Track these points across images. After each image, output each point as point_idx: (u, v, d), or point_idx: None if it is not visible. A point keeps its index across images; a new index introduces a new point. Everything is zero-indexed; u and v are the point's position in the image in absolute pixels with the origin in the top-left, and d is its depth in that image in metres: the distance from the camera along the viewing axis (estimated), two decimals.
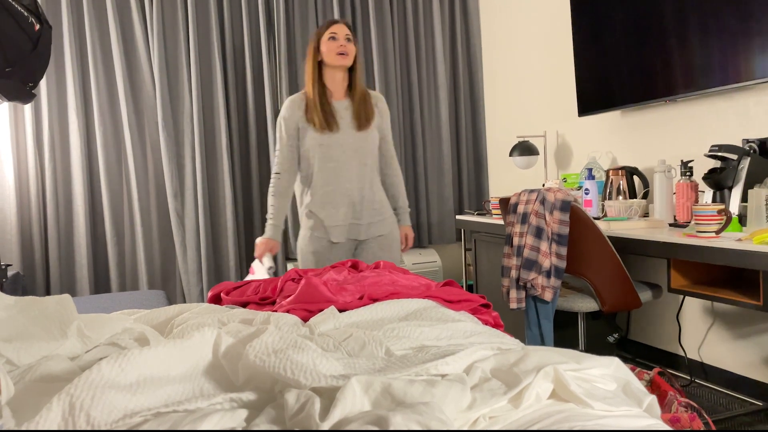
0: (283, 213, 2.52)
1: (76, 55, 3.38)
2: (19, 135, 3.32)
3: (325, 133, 2.43)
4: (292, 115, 2.47)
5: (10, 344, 1.00)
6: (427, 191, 4.09)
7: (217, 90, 3.58)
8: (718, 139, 2.59)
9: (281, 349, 0.92)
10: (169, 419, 0.76)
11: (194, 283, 3.57)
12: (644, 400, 0.94)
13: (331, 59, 2.43)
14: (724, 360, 2.69)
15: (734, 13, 2.33)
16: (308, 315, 1.40)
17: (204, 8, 3.58)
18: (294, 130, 2.47)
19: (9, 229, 3.28)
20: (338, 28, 2.46)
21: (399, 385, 0.82)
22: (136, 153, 3.49)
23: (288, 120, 2.48)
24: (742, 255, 1.79)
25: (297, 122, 2.47)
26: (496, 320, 1.52)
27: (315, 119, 2.42)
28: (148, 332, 1.16)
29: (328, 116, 2.44)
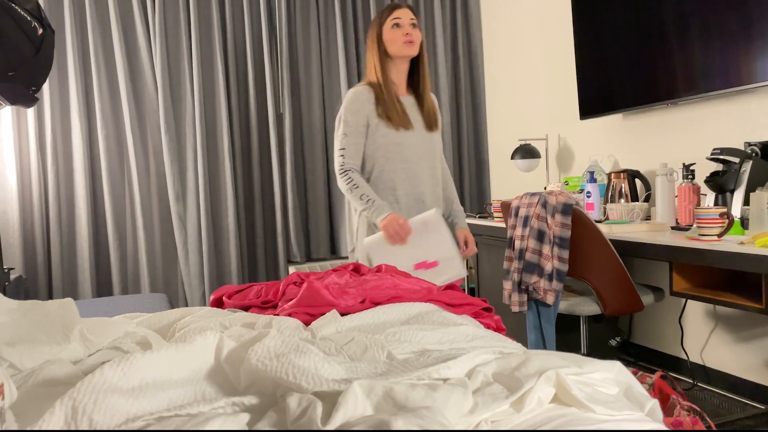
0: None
1: (79, 59, 3.39)
2: (22, 138, 3.33)
3: (401, 131, 2.17)
4: (362, 109, 2.17)
5: (13, 348, 1.00)
6: None
7: (219, 93, 3.59)
8: (719, 142, 2.59)
9: (283, 353, 0.92)
10: (171, 423, 0.76)
11: (196, 286, 3.57)
12: (646, 404, 0.94)
13: (397, 49, 2.17)
14: (727, 363, 2.68)
15: (735, 16, 2.33)
16: (310, 319, 1.40)
17: (206, 11, 3.59)
18: (363, 126, 2.18)
19: (11, 232, 3.28)
20: (402, 13, 2.21)
21: (401, 389, 0.82)
22: (138, 156, 3.49)
23: (357, 114, 2.17)
24: (744, 258, 1.79)
25: (367, 117, 2.17)
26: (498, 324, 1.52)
27: (392, 114, 2.15)
28: (150, 336, 1.17)
29: (402, 113, 2.18)
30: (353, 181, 2.15)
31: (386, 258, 1.99)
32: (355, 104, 2.18)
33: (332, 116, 3.82)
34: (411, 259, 1.96)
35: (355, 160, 2.18)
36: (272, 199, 3.75)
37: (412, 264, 1.95)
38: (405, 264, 1.95)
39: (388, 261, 1.95)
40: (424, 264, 1.94)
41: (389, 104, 2.16)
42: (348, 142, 2.17)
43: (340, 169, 2.19)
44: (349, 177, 2.16)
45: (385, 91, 2.16)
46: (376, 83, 2.18)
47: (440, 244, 1.95)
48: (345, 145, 2.18)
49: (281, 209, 3.72)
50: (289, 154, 3.71)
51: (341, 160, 2.18)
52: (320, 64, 3.81)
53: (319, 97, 3.81)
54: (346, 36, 3.83)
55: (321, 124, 3.82)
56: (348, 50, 3.83)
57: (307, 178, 3.82)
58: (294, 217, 3.73)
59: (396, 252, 1.99)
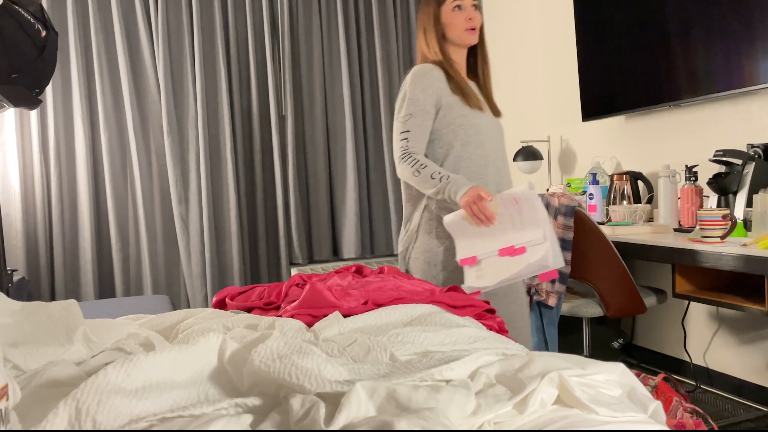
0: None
1: (82, 61, 3.40)
2: (25, 141, 3.34)
3: (475, 111, 1.87)
4: (433, 86, 1.85)
5: (17, 349, 1.00)
6: None
7: (222, 96, 3.60)
8: (722, 144, 2.58)
9: (286, 355, 0.92)
10: (174, 424, 0.76)
11: (198, 288, 3.58)
12: (649, 405, 0.94)
13: (458, 36, 1.91)
14: (730, 365, 2.68)
15: (738, 18, 2.33)
16: (313, 320, 1.40)
17: (208, 13, 3.60)
18: (433, 106, 1.86)
19: (14, 234, 3.29)
20: None
21: (403, 390, 0.82)
22: (141, 158, 3.50)
23: (427, 92, 1.85)
24: (747, 260, 1.78)
25: (439, 94, 1.87)
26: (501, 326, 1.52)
27: (466, 92, 1.87)
28: (153, 337, 1.17)
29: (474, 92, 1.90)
30: (419, 161, 1.81)
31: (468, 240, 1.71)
32: (425, 80, 1.86)
33: (334, 117, 3.83)
34: (497, 243, 1.66)
35: (420, 145, 1.85)
36: (274, 201, 3.76)
37: (496, 249, 1.65)
38: (489, 248, 1.67)
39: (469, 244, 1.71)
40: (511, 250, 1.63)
41: (460, 81, 1.88)
42: (413, 123, 1.84)
43: (402, 153, 1.84)
44: (414, 158, 1.82)
45: (452, 70, 1.89)
46: (439, 61, 1.90)
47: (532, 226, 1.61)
48: (409, 127, 1.85)
49: (283, 211, 3.72)
50: (292, 156, 3.72)
51: (403, 144, 1.85)
52: (322, 66, 3.82)
53: (321, 99, 3.82)
54: (349, 38, 3.83)
55: (323, 126, 3.82)
56: (350, 52, 3.84)
57: (309, 180, 3.83)
58: (296, 218, 3.73)
59: (479, 233, 1.69)
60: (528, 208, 1.62)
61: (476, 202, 1.67)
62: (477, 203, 1.66)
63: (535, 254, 1.58)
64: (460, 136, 1.86)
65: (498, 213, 1.66)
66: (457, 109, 1.86)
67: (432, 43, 1.92)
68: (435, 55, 1.91)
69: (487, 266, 1.67)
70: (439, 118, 1.87)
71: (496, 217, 1.66)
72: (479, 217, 1.67)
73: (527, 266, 1.59)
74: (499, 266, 1.65)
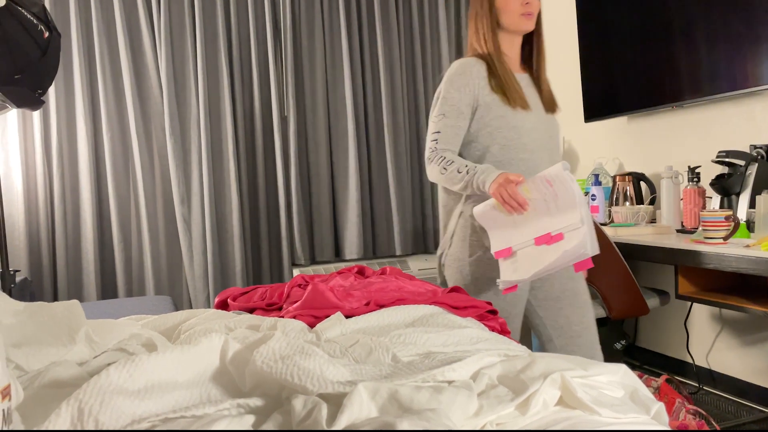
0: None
1: (85, 62, 3.40)
2: (28, 141, 3.34)
3: (518, 111, 1.73)
4: (469, 83, 1.73)
5: (19, 350, 1.00)
6: (432, 197, 4.09)
7: (224, 96, 3.60)
8: (725, 144, 2.58)
9: (288, 355, 0.93)
10: (177, 425, 0.76)
11: (201, 288, 3.58)
12: (652, 407, 0.94)
13: (513, 22, 1.75)
14: (733, 367, 2.67)
15: (741, 18, 2.33)
16: (315, 321, 1.41)
17: (211, 14, 3.60)
18: (469, 106, 1.74)
19: (17, 234, 3.30)
20: None
21: (406, 391, 0.82)
22: (144, 159, 3.50)
23: (462, 90, 1.72)
24: (750, 261, 1.78)
25: (476, 93, 1.73)
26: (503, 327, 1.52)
27: (508, 89, 1.72)
28: (155, 338, 1.17)
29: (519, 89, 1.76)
30: (445, 158, 1.69)
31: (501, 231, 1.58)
32: (462, 78, 1.73)
33: (336, 118, 3.84)
34: (532, 231, 1.53)
35: (451, 146, 1.73)
36: (277, 202, 3.76)
37: (532, 237, 1.52)
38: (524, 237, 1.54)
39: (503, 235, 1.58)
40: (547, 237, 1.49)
41: (504, 78, 1.73)
42: (445, 124, 1.73)
43: (430, 153, 1.74)
44: (440, 156, 1.71)
45: (498, 64, 1.74)
46: (486, 54, 1.76)
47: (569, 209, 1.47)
48: (440, 128, 1.73)
49: (285, 212, 3.72)
50: (294, 157, 3.72)
51: (432, 145, 1.74)
52: (325, 67, 3.82)
53: (323, 100, 3.82)
54: (351, 39, 3.83)
55: (325, 127, 3.82)
56: (353, 53, 3.84)
57: (312, 181, 3.83)
58: (298, 219, 3.73)
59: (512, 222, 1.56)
60: (563, 190, 1.48)
61: (506, 187, 1.54)
62: (507, 188, 1.54)
63: (572, 240, 1.45)
64: (498, 138, 1.72)
65: (531, 198, 1.53)
66: (496, 109, 1.72)
67: (483, 30, 1.76)
68: (484, 45, 1.76)
69: (523, 257, 1.55)
70: (476, 118, 1.74)
71: (528, 202, 1.52)
72: (510, 203, 1.54)
73: (564, 254, 1.46)
74: (536, 256, 1.52)
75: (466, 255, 1.75)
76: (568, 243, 1.45)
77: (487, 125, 1.72)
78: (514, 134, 1.72)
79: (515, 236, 1.56)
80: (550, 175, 1.52)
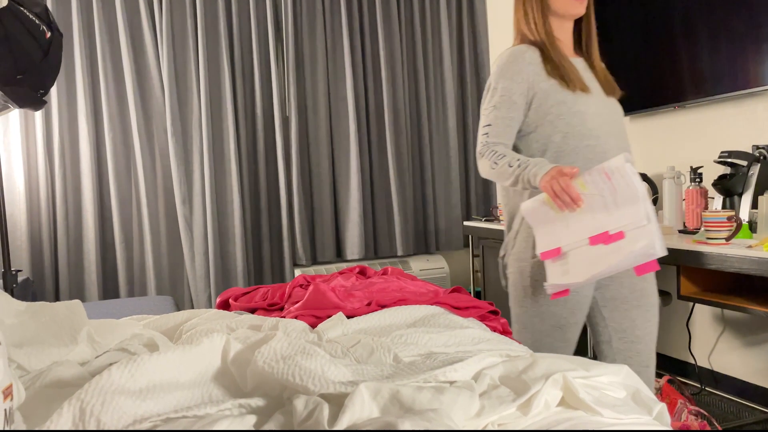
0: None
1: (87, 62, 3.41)
2: (30, 141, 3.35)
3: (578, 94, 1.60)
4: (522, 71, 1.61)
5: (21, 350, 1.00)
6: (434, 197, 4.09)
7: (226, 96, 3.60)
8: (727, 145, 2.58)
9: (290, 356, 0.92)
10: (178, 425, 0.76)
11: (202, 288, 3.58)
12: (654, 407, 0.94)
13: (562, 6, 1.66)
14: (735, 368, 2.67)
15: (743, 18, 2.32)
16: (316, 321, 1.41)
17: (212, 14, 3.60)
18: (522, 95, 1.61)
19: (19, 234, 3.30)
20: None
21: (407, 391, 0.82)
22: (145, 159, 3.51)
23: (514, 79, 1.61)
24: (752, 262, 1.78)
25: (530, 81, 1.61)
26: (505, 327, 1.52)
27: (566, 72, 1.61)
28: (157, 338, 1.17)
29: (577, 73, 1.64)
30: (496, 152, 1.57)
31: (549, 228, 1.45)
32: (513, 66, 1.62)
33: (338, 119, 3.84)
34: (586, 229, 1.39)
35: (503, 139, 1.61)
36: (278, 202, 3.76)
37: (586, 236, 1.38)
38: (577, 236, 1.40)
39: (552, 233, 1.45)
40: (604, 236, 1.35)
41: (559, 61, 1.62)
42: (497, 116, 1.61)
43: (481, 148, 1.62)
44: (491, 150, 1.58)
45: (552, 49, 1.64)
46: (537, 40, 1.66)
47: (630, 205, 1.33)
48: (491, 121, 1.62)
49: (287, 212, 3.73)
50: (295, 157, 3.72)
51: (483, 139, 1.62)
52: (326, 67, 3.82)
53: (325, 100, 3.82)
54: (352, 39, 3.83)
55: (327, 127, 3.82)
56: (354, 53, 3.84)
57: (313, 181, 3.83)
58: (300, 219, 3.74)
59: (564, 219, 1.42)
60: (623, 185, 1.34)
61: (558, 180, 1.39)
62: (559, 180, 1.39)
63: (636, 240, 1.31)
64: (560, 126, 1.58)
65: (585, 193, 1.38)
66: (555, 95, 1.59)
67: (533, 15, 1.66)
68: (535, 30, 1.66)
69: (575, 258, 1.41)
70: (534, 108, 1.61)
71: (583, 198, 1.38)
72: (562, 197, 1.39)
73: (628, 255, 1.31)
74: (591, 257, 1.38)
75: (528, 255, 1.63)
76: (632, 243, 1.32)
77: (547, 113, 1.59)
78: (578, 120, 1.58)
79: (566, 235, 1.42)
80: (609, 167, 1.38)
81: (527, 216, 1.51)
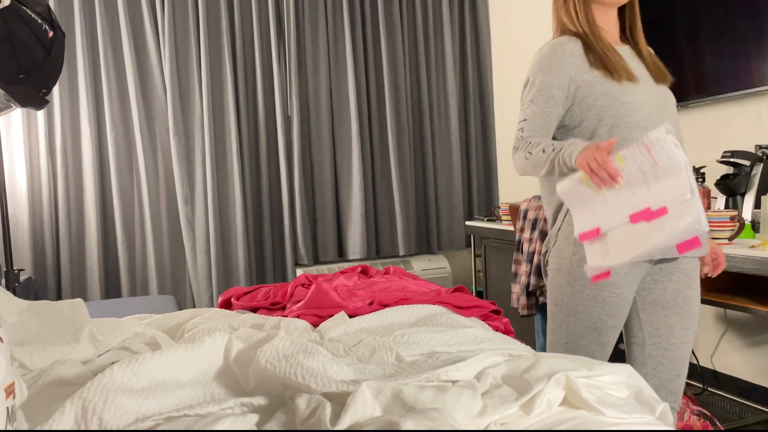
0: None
1: (89, 61, 3.41)
2: (32, 141, 3.35)
3: (624, 84, 1.52)
4: (563, 64, 1.53)
5: (24, 348, 1.00)
6: (436, 197, 4.09)
7: (228, 96, 3.60)
8: (730, 145, 2.57)
9: (292, 355, 0.92)
10: (180, 423, 0.76)
11: (204, 288, 3.58)
12: (657, 407, 0.94)
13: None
14: (737, 368, 2.66)
15: (746, 18, 2.32)
16: (318, 320, 1.41)
17: (215, 14, 3.61)
18: (562, 89, 1.54)
19: (21, 234, 3.31)
20: None
21: (409, 390, 0.82)
22: (147, 159, 3.51)
23: (554, 72, 1.53)
24: (755, 262, 1.77)
25: (572, 74, 1.53)
26: (507, 326, 1.52)
27: (611, 62, 1.53)
28: (159, 337, 1.17)
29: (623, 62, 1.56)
30: (530, 143, 1.51)
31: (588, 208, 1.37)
32: (552, 59, 1.55)
33: (340, 118, 3.84)
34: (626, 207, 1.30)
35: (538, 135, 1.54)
36: (280, 202, 3.76)
37: (626, 214, 1.30)
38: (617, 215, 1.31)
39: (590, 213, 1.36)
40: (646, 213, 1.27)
41: (603, 51, 1.54)
42: (533, 111, 1.55)
43: (515, 143, 1.56)
44: (524, 141, 1.52)
45: (594, 38, 1.56)
46: (580, 31, 1.59)
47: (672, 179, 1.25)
48: (527, 116, 1.56)
49: (289, 211, 3.73)
50: (297, 157, 3.72)
51: (518, 135, 1.56)
52: (328, 67, 3.82)
53: (327, 100, 3.82)
54: (355, 38, 3.83)
55: (329, 127, 3.82)
56: (356, 53, 3.83)
57: (315, 181, 3.83)
58: (302, 219, 3.74)
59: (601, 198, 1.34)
60: (664, 158, 1.25)
61: (595, 155, 1.32)
62: (596, 155, 1.31)
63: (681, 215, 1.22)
64: (606, 119, 1.51)
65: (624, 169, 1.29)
66: (599, 86, 1.51)
67: (574, 4, 1.59)
68: (576, 21, 1.59)
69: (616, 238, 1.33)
70: (578, 101, 1.53)
71: (622, 174, 1.29)
72: (599, 174, 1.31)
73: (673, 232, 1.23)
74: (632, 236, 1.29)
75: (569, 252, 1.57)
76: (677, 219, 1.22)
77: (592, 106, 1.52)
78: (625, 111, 1.50)
79: (605, 214, 1.33)
80: (649, 139, 1.27)
81: (563, 197, 1.42)
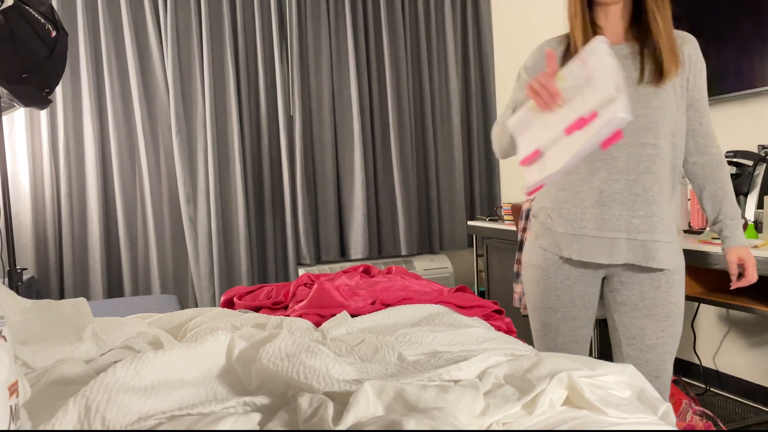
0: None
1: (91, 61, 3.42)
2: (35, 140, 3.36)
3: None
4: (540, 63, 1.61)
5: (26, 347, 1.00)
6: (438, 197, 4.09)
7: (230, 95, 3.61)
8: (733, 145, 2.57)
9: (294, 354, 0.92)
10: (183, 422, 0.76)
11: (206, 287, 3.59)
12: (659, 407, 0.93)
13: None
14: (740, 368, 2.66)
15: (749, 18, 2.32)
16: (320, 320, 1.41)
17: (217, 14, 3.61)
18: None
19: (24, 233, 3.31)
20: None
21: (412, 390, 0.82)
22: (150, 158, 3.51)
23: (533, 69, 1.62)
24: (758, 262, 1.77)
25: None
26: (509, 326, 1.52)
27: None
28: (162, 336, 1.17)
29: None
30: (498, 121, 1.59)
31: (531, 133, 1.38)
32: (534, 56, 1.63)
33: (342, 118, 3.84)
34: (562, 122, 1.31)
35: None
36: (282, 201, 3.76)
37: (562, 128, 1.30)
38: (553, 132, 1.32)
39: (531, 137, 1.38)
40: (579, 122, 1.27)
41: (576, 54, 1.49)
42: (512, 99, 1.63)
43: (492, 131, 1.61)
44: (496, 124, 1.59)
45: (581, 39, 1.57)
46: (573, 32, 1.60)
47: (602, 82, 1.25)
48: (508, 104, 1.63)
49: (291, 211, 3.73)
50: (299, 156, 3.72)
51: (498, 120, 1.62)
52: (330, 66, 3.82)
53: (329, 99, 3.82)
54: (357, 38, 3.83)
55: (331, 126, 3.82)
56: (358, 52, 3.84)
57: (317, 180, 3.83)
58: (304, 219, 3.74)
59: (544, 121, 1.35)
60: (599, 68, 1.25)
61: (538, 78, 1.32)
62: (539, 78, 1.32)
63: (607, 114, 1.21)
64: None
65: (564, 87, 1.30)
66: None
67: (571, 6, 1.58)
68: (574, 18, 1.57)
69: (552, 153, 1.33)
70: None
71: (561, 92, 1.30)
72: (542, 94, 1.32)
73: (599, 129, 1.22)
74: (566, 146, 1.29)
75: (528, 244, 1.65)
76: (603, 119, 1.22)
77: None
78: None
79: (544, 134, 1.34)
80: (584, 52, 1.28)
81: (513, 129, 1.43)
